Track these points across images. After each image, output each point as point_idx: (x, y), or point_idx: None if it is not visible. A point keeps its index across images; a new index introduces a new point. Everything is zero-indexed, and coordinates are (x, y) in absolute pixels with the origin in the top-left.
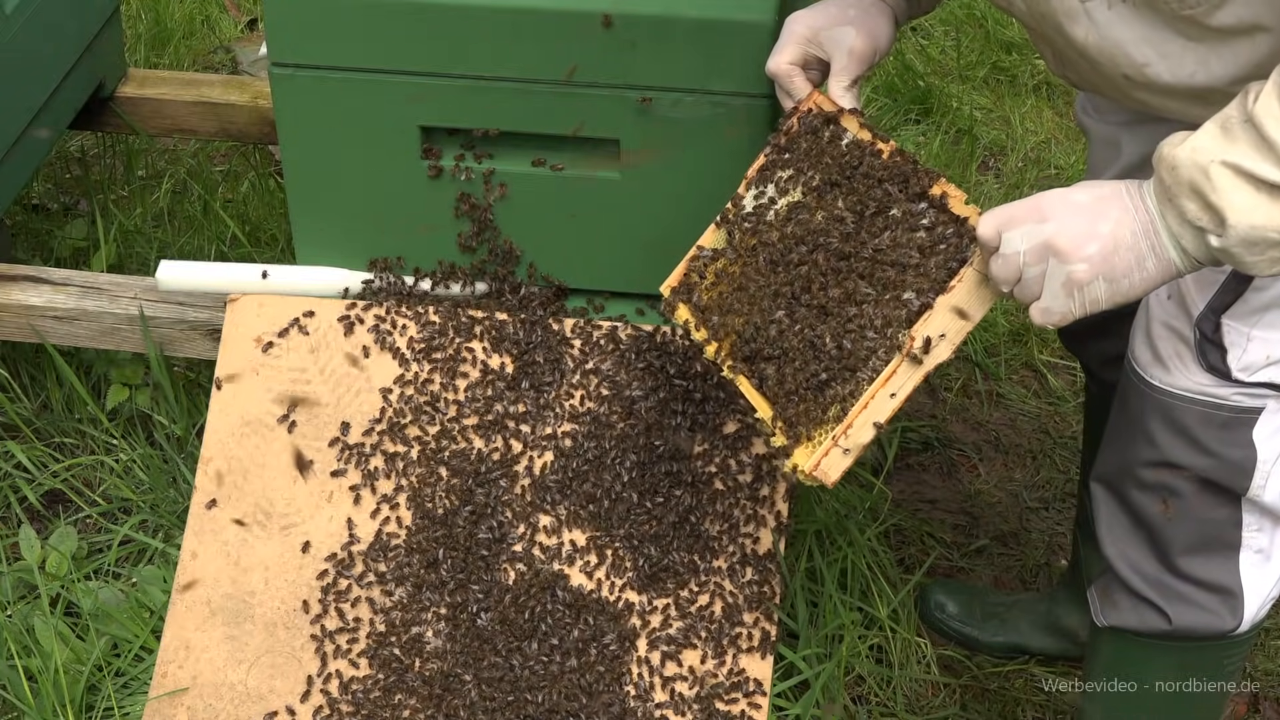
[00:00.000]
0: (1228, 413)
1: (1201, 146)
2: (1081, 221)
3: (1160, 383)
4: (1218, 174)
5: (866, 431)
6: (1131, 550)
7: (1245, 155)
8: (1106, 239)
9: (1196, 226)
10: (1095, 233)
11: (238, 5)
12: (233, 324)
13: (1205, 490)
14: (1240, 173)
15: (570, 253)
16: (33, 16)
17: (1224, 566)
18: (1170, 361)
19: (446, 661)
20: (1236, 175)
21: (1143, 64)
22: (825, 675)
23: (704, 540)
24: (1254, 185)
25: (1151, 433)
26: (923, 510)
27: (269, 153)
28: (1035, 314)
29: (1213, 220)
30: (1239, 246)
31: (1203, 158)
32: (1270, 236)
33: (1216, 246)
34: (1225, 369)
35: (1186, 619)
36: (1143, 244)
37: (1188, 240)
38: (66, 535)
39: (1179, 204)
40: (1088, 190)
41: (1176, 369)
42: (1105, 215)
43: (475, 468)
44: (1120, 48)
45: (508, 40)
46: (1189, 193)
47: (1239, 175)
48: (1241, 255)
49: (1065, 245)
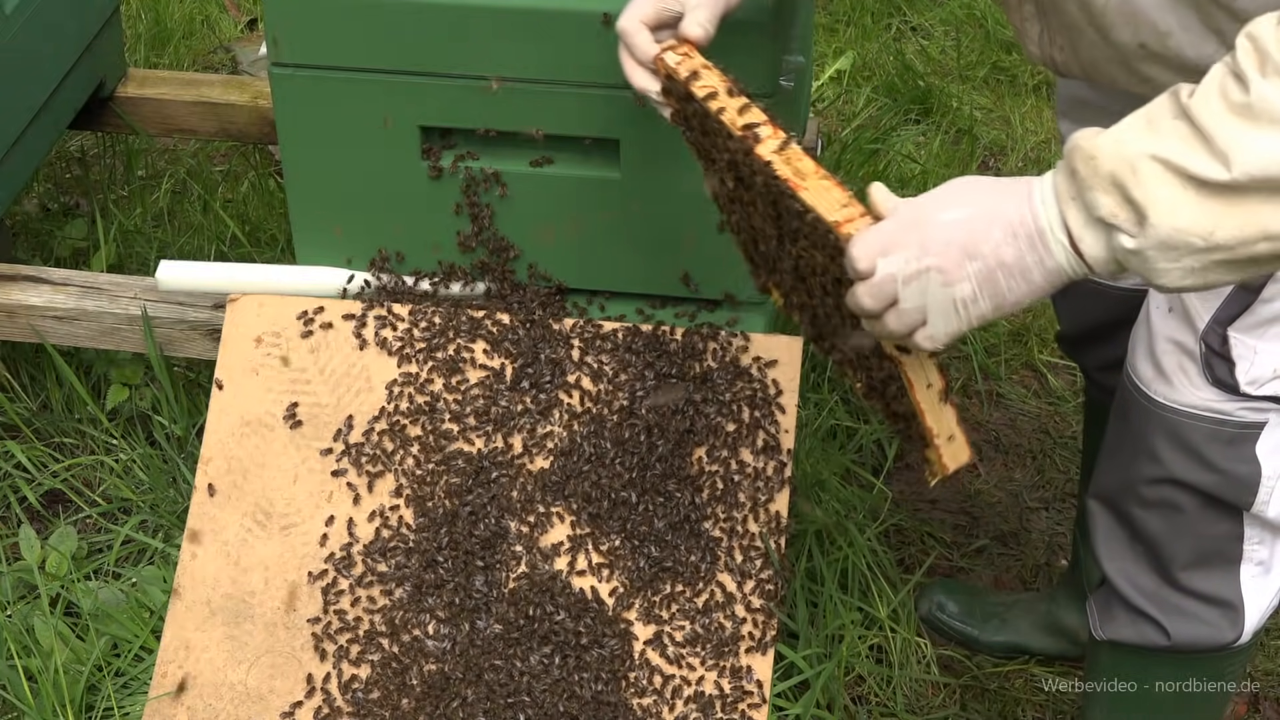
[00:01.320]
0: (1233, 428)
1: (1127, 139)
2: (961, 237)
3: (1164, 399)
4: (1146, 168)
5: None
6: (1130, 566)
7: (1175, 150)
8: (989, 257)
9: (1109, 224)
10: (977, 251)
11: (238, 5)
12: (233, 324)
13: (1208, 506)
14: (1170, 168)
15: (570, 253)
16: (33, 16)
17: (1224, 580)
18: (1174, 377)
19: (446, 662)
20: (1166, 170)
21: (1165, 32)
22: (825, 675)
23: (704, 540)
24: (1182, 183)
25: (1155, 449)
26: (923, 510)
27: (269, 153)
28: (922, 341)
29: (1131, 217)
30: (1155, 249)
31: (1129, 150)
32: (1192, 242)
33: (1129, 248)
34: (1233, 383)
35: (1186, 633)
36: (1028, 258)
37: (1089, 242)
38: (66, 535)
39: (1090, 197)
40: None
41: (1181, 384)
42: (987, 234)
43: (475, 468)
44: (1145, 12)
45: (508, 40)
46: (1107, 186)
47: (1168, 170)
48: (1155, 260)
49: (946, 265)
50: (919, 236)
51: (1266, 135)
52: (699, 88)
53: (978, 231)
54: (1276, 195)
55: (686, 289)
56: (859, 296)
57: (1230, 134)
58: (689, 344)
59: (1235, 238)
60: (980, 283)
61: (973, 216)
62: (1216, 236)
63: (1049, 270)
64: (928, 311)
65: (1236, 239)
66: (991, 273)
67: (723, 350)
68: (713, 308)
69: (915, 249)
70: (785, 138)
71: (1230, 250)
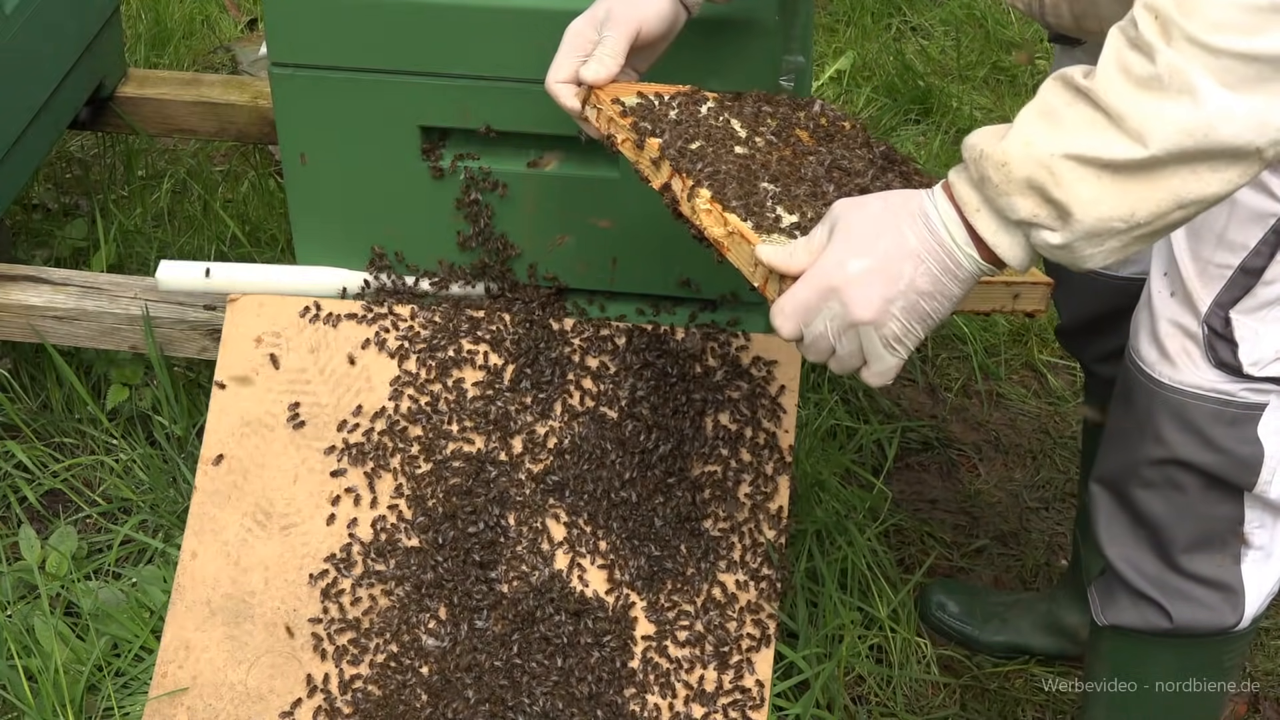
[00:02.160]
0: (1236, 409)
1: (1034, 139)
2: (877, 285)
3: (1169, 379)
4: (1061, 168)
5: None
6: (1132, 549)
7: (1084, 141)
8: (908, 293)
9: (1030, 224)
10: (895, 293)
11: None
12: (233, 324)
13: (1210, 487)
14: (1084, 162)
15: (570, 253)
16: (33, 16)
17: (1225, 564)
18: (1178, 358)
19: (446, 662)
20: (1081, 166)
21: None
22: (825, 675)
23: (704, 540)
24: (1097, 172)
25: (1159, 430)
26: (923, 510)
27: (269, 153)
28: (871, 379)
29: (1052, 214)
30: (1082, 240)
31: (1039, 151)
32: (1115, 226)
33: (1055, 243)
34: (1236, 364)
35: (1187, 616)
36: (943, 280)
37: (1005, 246)
38: (66, 535)
39: (1005, 203)
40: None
41: (1185, 366)
42: (899, 273)
43: (475, 468)
44: None
45: (508, 40)
46: (1024, 190)
47: (1083, 165)
48: (1080, 249)
49: (871, 315)
50: (838, 299)
51: (1179, 105)
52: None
53: (890, 274)
54: (1189, 164)
55: (686, 289)
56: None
57: (1143, 111)
58: (689, 344)
59: (1153, 213)
60: (906, 318)
61: (881, 260)
62: (1137, 216)
63: (964, 280)
64: (866, 355)
65: (1155, 214)
66: (914, 305)
67: (723, 350)
68: (713, 308)
69: (837, 308)
70: (692, 186)
71: (1149, 225)
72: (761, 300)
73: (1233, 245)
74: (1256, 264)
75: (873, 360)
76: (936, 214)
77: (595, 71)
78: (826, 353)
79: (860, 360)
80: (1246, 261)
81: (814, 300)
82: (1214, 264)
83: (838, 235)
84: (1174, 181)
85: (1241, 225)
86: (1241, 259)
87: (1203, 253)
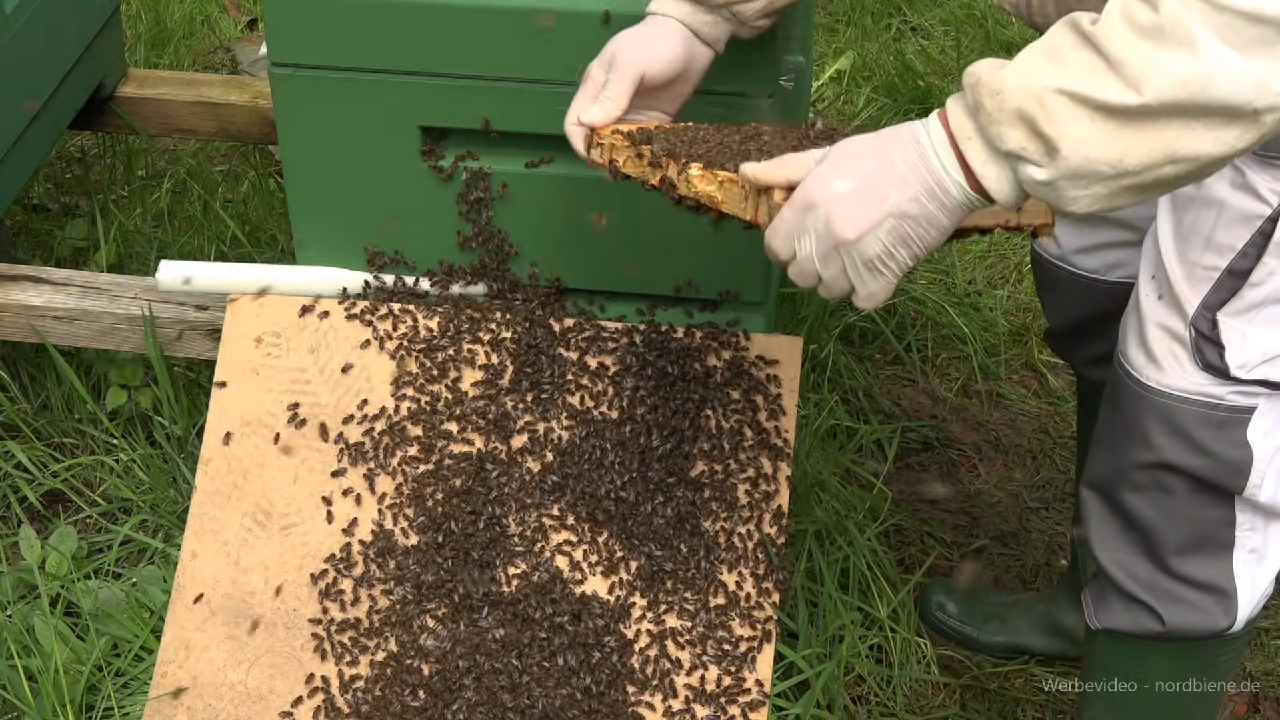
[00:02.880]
0: (1224, 412)
1: (1033, 72)
2: (859, 204)
3: (1156, 383)
4: (1054, 102)
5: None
6: (1123, 553)
7: (1081, 81)
8: (891, 215)
9: (1018, 156)
10: (879, 215)
11: (238, 5)
12: (233, 324)
13: (1200, 491)
14: (1079, 100)
15: (570, 253)
16: (33, 16)
17: (1217, 566)
18: (1165, 362)
19: (446, 662)
20: (1074, 103)
21: None
22: (825, 675)
23: (704, 539)
24: (1090, 114)
25: (1147, 434)
26: (923, 510)
27: (269, 153)
28: (860, 303)
29: (1040, 150)
30: (1065, 179)
31: (1035, 84)
32: (1102, 170)
33: (1039, 179)
34: (1224, 366)
35: (1180, 619)
36: (930, 205)
37: (992, 177)
38: (66, 535)
39: (995, 131)
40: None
41: (1172, 369)
42: (884, 195)
43: (475, 468)
44: None
45: (508, 40)
46: (1014, 120)
47: (1076, 103)
48: (1064, 189)
49: (853, 235)
50: (821, 216)
51: (1177, 56)
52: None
53: (874, 194)
54: (1183, 117)
55: (686, 289)
56: (788, 274)
57: (1141, 59)
58: (689, 344)
59: (1143, 163)
60: (891, 241)
61: (865, 181)
62: (1125, 163)
63: (952, 210)
64: (851, 278)
65: (1144, 164)
66: (898, 228)
67: (723, 350)
68: (713, 307)
69: (821, 228)
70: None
71: (1137, 175)
72: (762, 300)
73: (1220, 247)
74: (1243, 266)
75: (858, 283)
76: (929, 140)
77: (594, 114)
78: (813, 276)
79: (846, 284)
80: (1233, 264)
81: (800, 221)
82: (1201, 266)
83: (828, 159)
84: (1167, 134)
85: (1229, 227)
86: (1229, 261)
87: (1190, 255)
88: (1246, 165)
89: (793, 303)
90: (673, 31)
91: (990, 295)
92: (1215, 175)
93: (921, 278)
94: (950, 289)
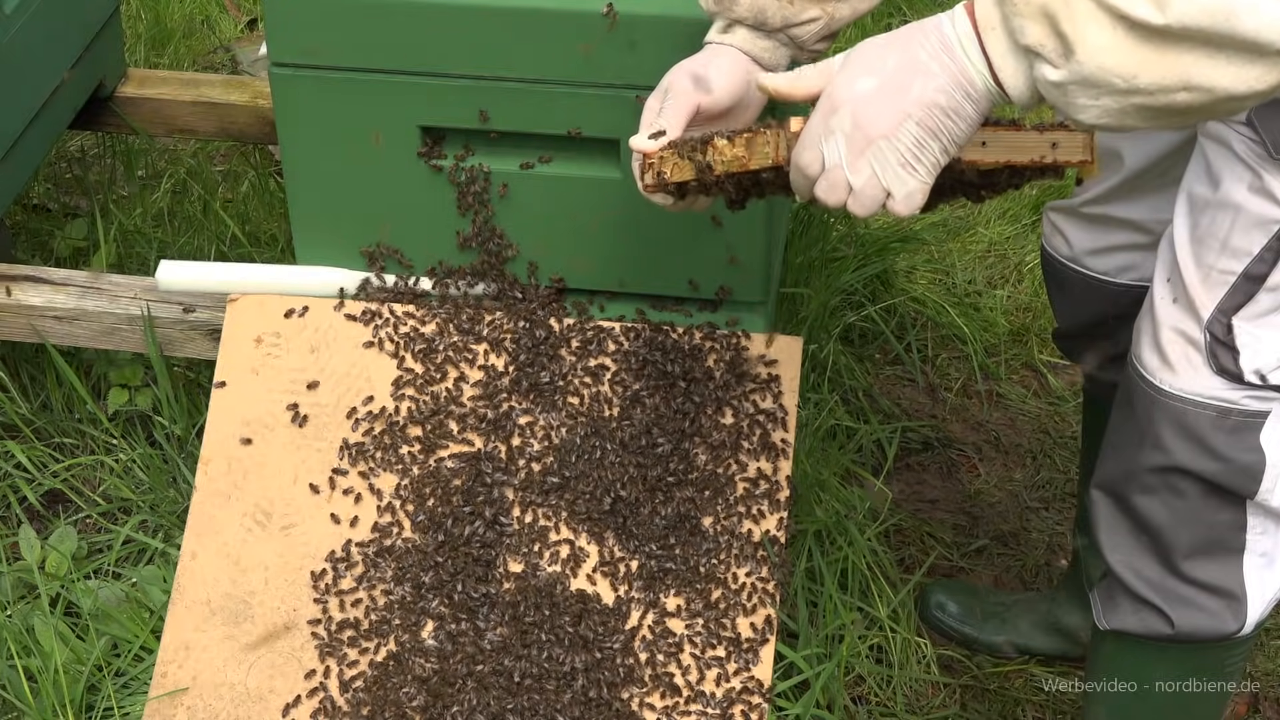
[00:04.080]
0: (1237, 416)
1: None
2: (886, 98)
3: (1170, 387)
4: (1078, 3)
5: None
6: (1133, 555)
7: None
8: (918, 106)
9: (1033, 53)
10: (905, 107)
11: (238, 5)
12: (233, 324)
13: (1211, 494)
14: (1103, 6)
15: (570, 253)
16: (33, 16)
17: (1227, 569)
18: (1179, 365)
19: (446, 663)
20: (1098, 9)
21: None
22: (825, 675)
23: (704, 539)
24: (1113, 22)
25: (1160, 437)
26: (923, 510)
27: (269, 153)
28: (898, 208)
29: (1057, 49)
30: (1077, 84)
31: None
32: (1114, 82)
33: (1052, 79)
34: (1238, 371)
35: (1189, 622)
36: (956, 95)
37: (1009, 71)
38: (66, 535)
39: (1017, 23)
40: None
41: (1186, 373)
42: (909, 87)
43: (475, 468)
44: None
45: (508, 40)
46: (1037, 15)
47: (1101, 9)
48: (1075, 94)
49: (883, 129)
50: (847, 115)
51: None
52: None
53: (899, 86)
54: (1203, 46)
55: (687, 289)
56: (819, 196)
57: None
58: (689, 343)
59: (1156, 83)
60: (921, 132)
61: (890, 75)
62: (1138, 80)
63: (977, 100)
64: (885, 181)
65: (1157, 85)
66: (926, 120)
67: (723, 350)
68: (713, 307)
69: (849, 128)
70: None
71: (1149, 95)
72: (762, 300)
73: (1236, 251)
74: (1260, 270)
75: (893, 185)
76: (953, 31)
77: (642, 141)
78: (844, 186)
79: (879, 189)
80: (1250, 268)
81: (826, 124)
82: (1217, 270)
83: (848, 60)
84: (1186, 59)
85: (1245, 231)
86: (1245, 265)
87: (1206, 258)
88: (1264, 169)
89: (793, 303)
90: (731, 59)
91: (990, 295)
92: (1233, 179)
93: (921, 278)
94: (950, 289)
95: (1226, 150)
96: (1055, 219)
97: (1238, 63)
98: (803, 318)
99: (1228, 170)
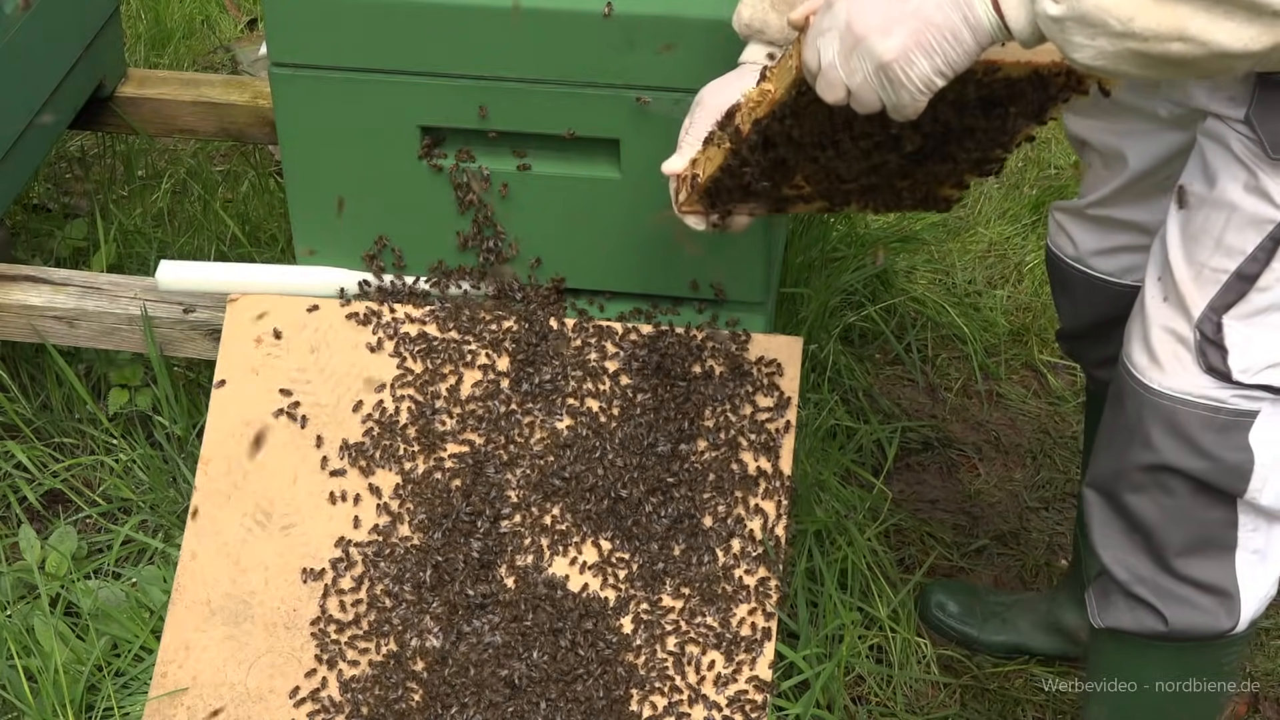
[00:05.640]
0: (1226, 415)
1: None
2: (883, 7)
3: (1159, 385)
4: None
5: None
6: (1126, 553)
7: None
8: (913, 18)
9: None
10: (900, 15)
11: (238, 5)
12: (233, 324)
13: (1200, 492)
14: None
15: (570, 253)
16: (33, 16)
17: (1220, 567)
18: (1168, 364)
19: (445, 662)
20: None
21: None
22: (825, 675)
23: (704, 540)
24: None
25: (1149, 436)
26: (923, 510)
27: (269, 153)
28: (896, 114)
29: None
30: (1074, 20)
31: None
32: (1110, 23)
33: (1051, 14)
34: (1226, 370)
35: (1183, 620)
36: (954, 16)
37: (1011, 3)
38: (66, 535)
39: None
40: None
41: (1175, 371)
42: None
43: (475, 468)
44: None
45: (508, 40)
46: None
47: None
48: (1071, 32)
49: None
50: (841, 13)
51: None
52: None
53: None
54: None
55: (686, 288)
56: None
57: None
58: (689, 343)
59: (1151, 30)
60: (911, 44)
61: None
62: (1135, 24)
63: (975, 29)
64: (876, 90)
65: (1152, 32)
66: (920, 33)
67: (723, 350)
68: (713, 307)
69: (841, 25)
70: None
71: (1144, 42)
72: (762, 300)
73: (1230, 250)
74: (1253, 270)
75: (884, 95)
76: None
77: (672, 162)
78: (841, 86)
79: (874, 96)
80: (1243, 267)
81: (824, 23)
82: (1210, 268)
83: None
84: (1184, 9)
85: (1239, 230)
86: (1238, 264)
87: (1199, 256)
88: (1261, 169)
89: (793, 303)
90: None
91: (990, 295)
92: (1229, 177)
93: (921, 278)
94: (950, 289)
95: (1224, 149)
96: (1061, 219)
97: (1235, 20)
98: (803, 318)
99: (1224, 169)
